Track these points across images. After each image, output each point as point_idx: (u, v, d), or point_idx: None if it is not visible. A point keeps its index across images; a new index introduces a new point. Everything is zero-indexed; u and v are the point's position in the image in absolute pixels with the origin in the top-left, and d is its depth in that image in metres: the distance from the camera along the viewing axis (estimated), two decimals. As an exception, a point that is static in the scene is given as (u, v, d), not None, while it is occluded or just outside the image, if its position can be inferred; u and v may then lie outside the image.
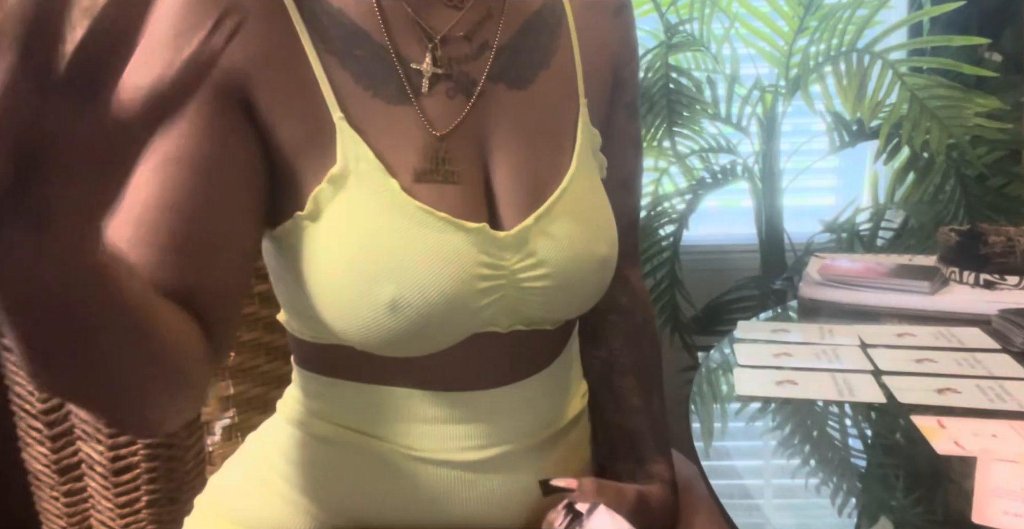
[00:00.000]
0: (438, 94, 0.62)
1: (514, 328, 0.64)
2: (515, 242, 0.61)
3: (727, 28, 1.50)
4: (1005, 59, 1.49)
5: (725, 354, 0.86)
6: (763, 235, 1.56)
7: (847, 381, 0.76)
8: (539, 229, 0.62)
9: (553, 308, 0.65)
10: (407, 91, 0.61)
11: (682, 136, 1.53)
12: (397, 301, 0.56)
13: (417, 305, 0.57)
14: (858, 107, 1.43)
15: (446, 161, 0.61)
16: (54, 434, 1.15)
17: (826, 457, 0.64)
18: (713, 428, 0.71)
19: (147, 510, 1.15)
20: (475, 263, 0.59)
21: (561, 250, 0.62)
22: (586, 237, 0.64)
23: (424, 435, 0.64)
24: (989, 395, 0.71)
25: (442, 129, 0.62)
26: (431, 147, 0.61)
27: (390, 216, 0.57)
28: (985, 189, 1.43)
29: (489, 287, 0.60)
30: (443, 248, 0.58)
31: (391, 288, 0.56)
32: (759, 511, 0.60)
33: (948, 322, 0.92)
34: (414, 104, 0.61)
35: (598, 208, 0.67)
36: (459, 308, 0.59)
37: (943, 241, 1.08)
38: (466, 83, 0.63)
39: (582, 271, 0.64)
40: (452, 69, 0.63)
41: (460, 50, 0.63)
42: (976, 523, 0.51)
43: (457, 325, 0.60)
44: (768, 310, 1.05)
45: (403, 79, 0.61)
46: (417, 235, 0.57)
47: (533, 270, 0.62)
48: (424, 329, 0.58)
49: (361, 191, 0.58)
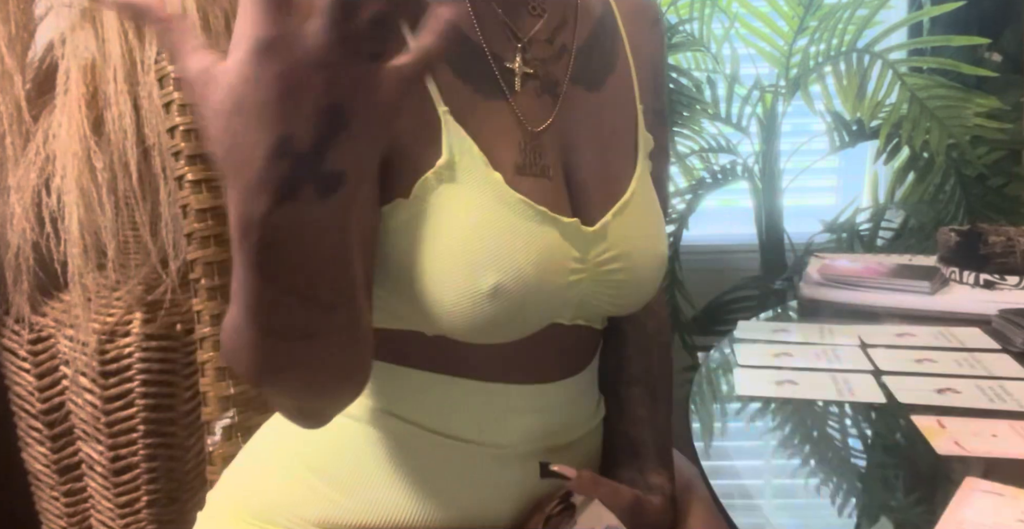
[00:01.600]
0: (528, 92, 0.65)
1: (576, 321, 0.67)
2: (598, 237, 0.65)
3: (727, 28, 1.50)
4: (1005, 59, 1.49)
5: (725, 354, 0.86)
6: (763, 235, 1.56)
7: (847, 381, 0.76)
8: (617, 225, 0.66)
9: (621, 300, 0.68)
10: (502, 88, 0.64)
11: (682, 136, 1.52)
12: (498, 288, 0.58)
13: (516, 293, 0.59)
14: (858, 107, 1.43)
15: (540, 155, 0.64)
16: (54, 434, 1.15)
17: (826, 457, 0.64)
18: (713, 428, 0.71)
19: (147, 510, 1.15)
20: (567, 256, 0.62)
21: (635, 246, 0.66)
22: (652, 235, 0.69)
23: (478, 425, 0.66)
24: (989, 395, 0.71)
25: (535, 125, 0.65)
26: (527, 142, 0.64)
27: (495, 207, 0.60)
28: (985, 189, 1.43)
29: (575, 279, 0.63)
30: (542, 240, 0.60)
31: (494, 276, 0.58)
32: (759, 511, 0.60)
33: (948, 322, 0.92)
34: (510, 100, 0.64)
35: (656, 208, 0.71)
36: (550, 298, 0.62)
37: (943, 241, 1.08)
38: (550, 83, 0.67)
39: (649, 266, 0.68)
40: (539, 69, 0.66)
41: (544, 52, 0.67)
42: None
43: (544, 313, 0.63)
44: (768, 310, 1.05)
45: (498, 76, 0.64)
46: (519, 226, 0.60)
47: (611, 264, 0.65)
48: (517, 316, 0.61)
49: (467, 183, 0.60)
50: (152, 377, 1.12)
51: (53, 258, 1.06)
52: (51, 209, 1.04)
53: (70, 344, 1.11)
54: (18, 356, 1.14)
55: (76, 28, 1.05)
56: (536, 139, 0.64)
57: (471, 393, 0.65)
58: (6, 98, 1.05)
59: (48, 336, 1.13)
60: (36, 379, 1.14)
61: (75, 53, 1.04)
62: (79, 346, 1.09)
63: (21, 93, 1.05)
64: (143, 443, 1.14)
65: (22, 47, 1.08)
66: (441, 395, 0.65)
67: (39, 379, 1.14)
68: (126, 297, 1.11)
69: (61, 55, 1.05)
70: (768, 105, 1.51)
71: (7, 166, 1.07)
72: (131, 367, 1.11)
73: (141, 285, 1.11)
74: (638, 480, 0.71)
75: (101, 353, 1.10)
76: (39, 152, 1.05)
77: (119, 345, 1.11)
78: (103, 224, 1.04)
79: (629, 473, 0.71)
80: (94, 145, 1.03)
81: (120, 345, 1.11)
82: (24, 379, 1.15)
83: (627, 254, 0.66)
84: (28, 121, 1.06)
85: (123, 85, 1.02)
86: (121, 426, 1.13)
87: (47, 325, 1.13)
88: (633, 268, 0.66)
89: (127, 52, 1.02)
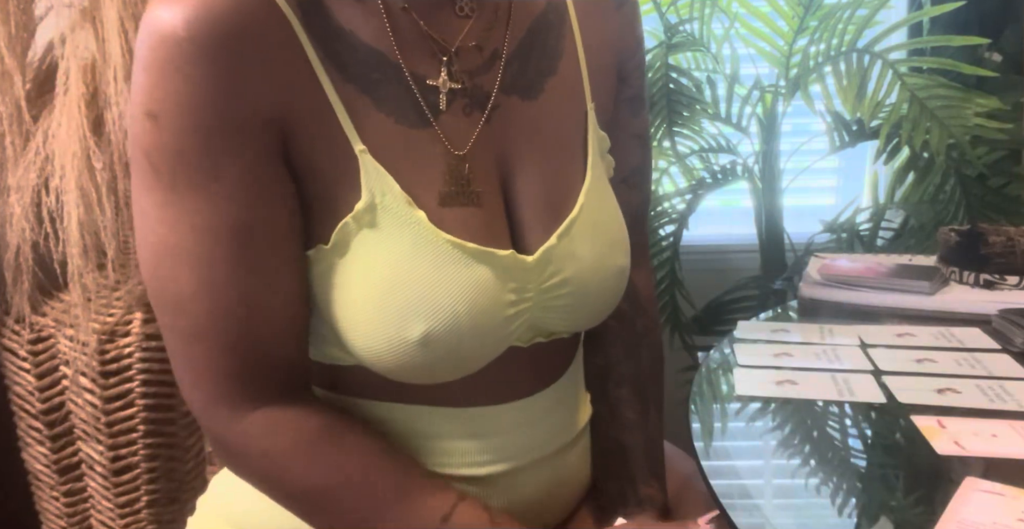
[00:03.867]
0: (455, 111, 0.61)
1: (535, 341, 0.64)
2: (539, 264, 0.61)
3: (727, 28, 1.50)
4: (1005, 59, 1.49)
5: (725, 354, 0.86)
6: (763, 235, 1.56)
7: (847, 381, 0.76)
8: (562, 248, 0.62)
9: (574, 321, 0.65)
10: (425, 112, 0.60)
11: (682, 136, 1.52)
12: (428, 336, 0.56)
13: (448, 339, 0.56)
14: (858, 107, 1.43)
15: (470, 182, 0.60)
16: (54, 434, 1.15)
17: (826, 457, 0.64)
18: (713, 428, 0.71)
19: (147, 510, 1.15)
20: (504, 290, 0.59)
21: (583, 266, 0.62)
22: (605, 250, 0.64)
23: (431, 451, 0.63)
24: (989, 395, 0.71)
25: (461, 147, 0.60)
26: (454, 168, 0.60)
27: (419, 251, 0.56)
28: (985, 189, 1.43)
29: (516, 312, 0.60)
30: (473, 280, 0.57)
31: (422, 324, 0.56)
32: (759, 511, 0.60)
33: (948, 322, 0.92)
34: (434, 125, 0.60)
35: (613, 218, 0.67)
36: (488, 335, 0.59)
37: (943, 241, 1.08)
38: (480, 97, 0.62)
39: (602, 283, 0.64)
40: (467, 83, 0.61)
41: (473, 61, 0.62)
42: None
43: (486, 350, 0.60)
44: (768, 310, 1.05)
45: (420, 100, 0.59)
46: (447, 270, 0.56)
47: (557, 289, 0.62)
48: (453, 359, 0.58)
49: (388, 226, 0.56)
50: (152, 377, 1.12)
51: (53, 258, 1.06)
52: (51, 209, 1.04)
53: (70, 344, 1.11)
54: (18, 356, 1.14)
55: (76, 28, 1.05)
56: (463, 163, 0.60)
57: (428, 421, 0.63)
58: (6, 98, 1.05)
59: (48, 336, 1.13)
60: (36, 379, 1.14)
61: (75, 53, 1.04)
62: (79, 346, 1.09)
63: (21, 93, 1.05)
64: (143, 443, 1.14)
65: (22, 47, 1.08)
66: (397, 424, 0.63)
67: (39, 379, 1.14)
68: (126, 297, 1.11)
69: (61, 55, 1.05)
70: (768, 105, 1.51)
71: (7, 166, 1.07)
72: (131, 367, 1.11)
73: (141, 285, 1.11)
74: (629, 491, 0.68)
75: (101, 353, 1.10)
76: (39, 152, 1.05)
77: (119, 345, 1.11)
78: (103, 224, 1.04)
79: (619, 485, 0.69)
80: (94, 145, 1.03)
81: (120, 345, 1.11)
82: (24, 379, 1.15)
83: (575, 276, 0.62)
84: (28, 121, 1.06)
85: (123, 85, 1.02)
86: (121, 426, 1.13)
87: (47, 325, 1.13)
88: (583, 290, 0.63)
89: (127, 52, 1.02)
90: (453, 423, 0.63)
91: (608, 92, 0.70)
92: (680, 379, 1.33)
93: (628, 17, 0.72)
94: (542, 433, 0.67)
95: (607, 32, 0.70)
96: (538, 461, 0.66)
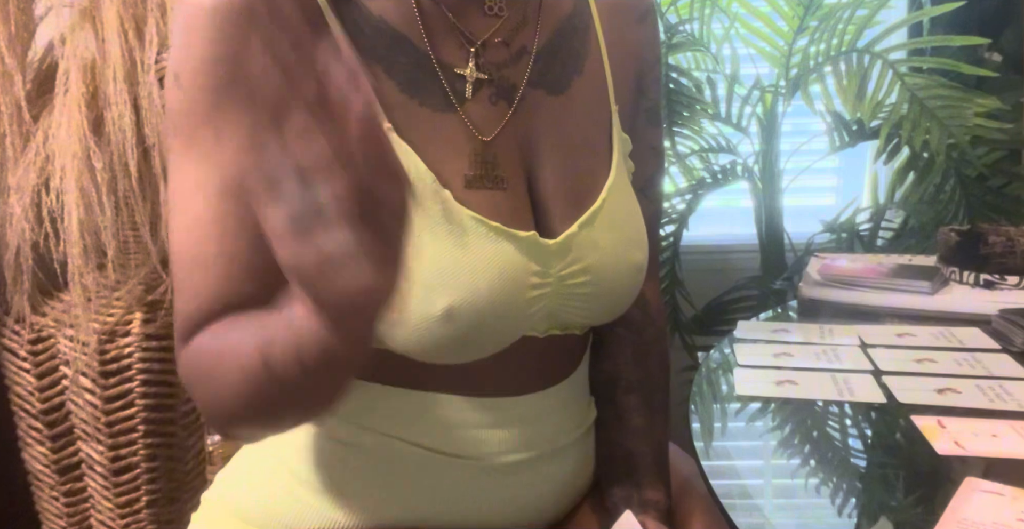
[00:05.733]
0: (481, 99, 0.62)
1: (550, 332, 0.65)
2: (561, 250, 0.62)
3: (727, 28, 1.50)
4: (1005, 59, 1.49)
5: (725, 354, 0.86)
6: (763, 235, 1.56)
7: (847, 381, 0.76)
8: (583, 237, 0.63)
9: (591, 313, 0.65)
10: (451, 98, 0.61)
11: (682, 136, 1.52)
12: (451, 311, 0.56)
13: (471, 314, 0.57)
14: (858, 107, 1.43)
15: (495, 166, 0.61)
16: (54, 434, 1.15)
17: (826, 457, 0.64)
18: (713, 428, 0.71)
19: (147, 510, 1.16)
20: (526, 272, 0.60)
21: (603, 257, 0.63)
22: (624, 244, 0.65)
23: (457, 439, 0.64)
24: (989, 395, 0.71)
25: (487, 134, 0.62)
26: (479, 152, 0.61)
27: (445, 227, 0.57)
28: (985, 189, 1.43)
29: (537, 295, 0.61)
30: (496, 257, 0.58)
31: (446, 298, 0.56)
32: (759, 511, 0.60)
33: (948, 322, 0.92)
34: (459, 110, 0.61)
35: (633, 215, 0.68)
36: (510, 316, 0.59)
37: (943, 241, 1.08)
38: (507, 88, 0.63)
39: (620, 277, 0.65)
40: (493, 74, 0.63)
41: (499, 55, 0.63)
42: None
43: (506, 332, 0.61)
44: (768, 310, 1.05)
45: (446, 86, 0.61)
46: (471, 245, 0.58)
47: (577, 277, 0.62)
48: (475, 337, 0.59)
49: (414, 203, 0.57)
50: (152, 377, 1.12)
51: (53, 258, 1.06)
52: (51, 209, 1.04)
53: (70, 344, 1.11)
54: (18, 356, 1.14)
55: (76, 28, 1.05)
56: (489, 149, 0.61)
57: (446, 408, 0.63)
58: (6, 98, 1.05)
59: (48, 336, 1.13)
60: (36, 379, 1.14)
61: (75, 53, 1.04)
62: (79, 346, 1.09)
63: (21, 93, 1.05)
64: (143, 443, 1.14)
65: (22, 47, 1.08)
66: (415, 411, 0.64)
67: (39, 379, 1.14)
68: (126, 297, 1.11)
69: (61, 55, 1.05)
70: (768, 105, 1.51)
71: (7, 166, 1.07)
72: (131, 367, 1.12)
73: (141, 285, 1.11)
74: (634, 497, 0.69)
75: (101, 353, 1.10)
76: (39, 152, 1.05)
77: (119, 345, 1.11)
78: (103, 224, 1.04)
79: (625, 490, 0.69)
80: (94, 145, 1.03)
81: (120, 345, 1.11)
82: (24, 379, 1.15)
83: (595, 267, 0.63)
84: (28, 121, 1.06)
85: (123, 85, 1.02)
86: (121, 426, 1.13)
87: (47, 325, 1.13)
88: (602, 281, 0.64)
89: (127, 52, 1.02)
90: (473, 411, 0.64)
91: (630, 99, 0.72)
92: (680, 379, 1.33)
93: (649, 30, 0.74)
94: (546, 429, 0.67)
95: (629, 43, 0.71)
96: (554, 452, 0.67)
